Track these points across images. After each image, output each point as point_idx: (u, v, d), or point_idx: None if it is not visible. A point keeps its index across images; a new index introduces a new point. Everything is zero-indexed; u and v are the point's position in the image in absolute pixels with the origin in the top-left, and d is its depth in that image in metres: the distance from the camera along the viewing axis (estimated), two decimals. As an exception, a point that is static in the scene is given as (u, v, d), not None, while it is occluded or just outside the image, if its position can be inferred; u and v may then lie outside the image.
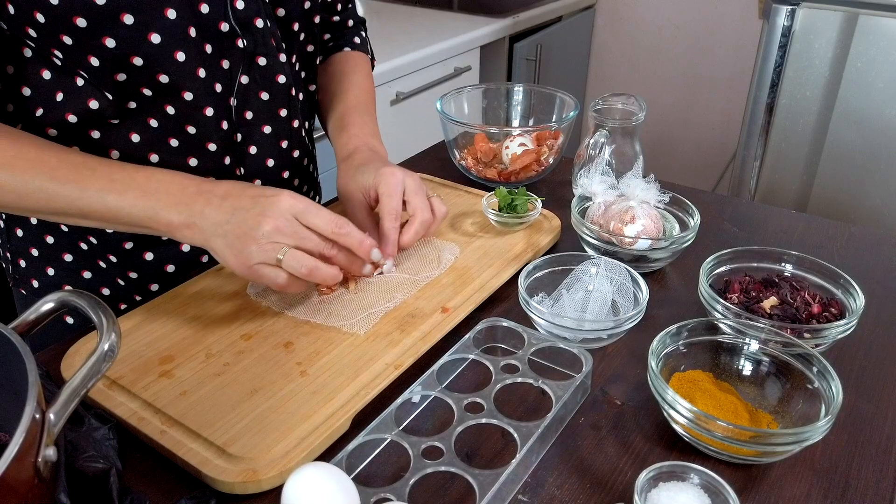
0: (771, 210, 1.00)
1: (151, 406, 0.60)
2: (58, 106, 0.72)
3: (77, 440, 0.53)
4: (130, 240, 0.82)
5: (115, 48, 0.68)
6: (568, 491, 0.56)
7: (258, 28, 0.77)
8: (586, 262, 0.77)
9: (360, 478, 0.56)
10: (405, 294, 0.75)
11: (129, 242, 0.82)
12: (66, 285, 0.86)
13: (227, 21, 0.74)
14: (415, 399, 0.62)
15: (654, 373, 0.59)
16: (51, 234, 0.83)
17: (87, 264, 0.84)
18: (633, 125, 0.94)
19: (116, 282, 0.86)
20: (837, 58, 1.66)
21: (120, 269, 0.84)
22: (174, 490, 0.55)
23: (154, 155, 0.77)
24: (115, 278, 0.85)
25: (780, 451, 0.55)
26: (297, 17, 0.83)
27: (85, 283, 0.85)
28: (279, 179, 0.88)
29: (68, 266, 0.84)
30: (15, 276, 0.88)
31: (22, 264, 0.86)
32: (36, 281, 0.86)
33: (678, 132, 2.76)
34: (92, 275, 0.85)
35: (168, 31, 0.69)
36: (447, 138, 1.06)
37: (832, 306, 0.71)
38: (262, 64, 0.79)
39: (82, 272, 0.85)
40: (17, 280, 0.88)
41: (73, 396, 0.45)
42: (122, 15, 0.66)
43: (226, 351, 0.67)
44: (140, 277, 0.85)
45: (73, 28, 0.66)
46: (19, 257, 0.86)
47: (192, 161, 0.79)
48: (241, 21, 0.75)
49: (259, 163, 0.85)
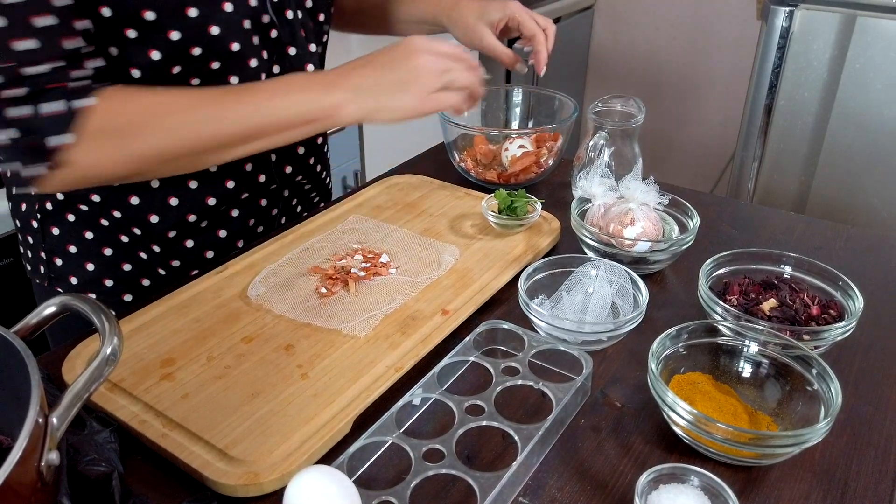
0: (770, 212, 1.00)
1: (153, 409, 0.61)
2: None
3: (79, 444, 0.53)
4: (173, 229, 0.85)
5: (179, 41, 0.71)
6: (568, 493, 0.56)
7: (289, 19, 0.81)
8: (586, 265, 0.77)
9: (362, 480, 0.56)
10: (405, 296, 0.75)
11: (172, 231, 0.85)
12: (107, 279, 0.87)
13: (267, 13, 0.78)
14: (415, 402, 0.62)
15: (654, 375, 0.60)
16: (90, 230, 0.84)
17: (128, 257, 0.86)
18: (632, 127, 0.94)
19: (157, 272, 0.88)
20: (836, 59, 1.66)
21: (162, 258, 0.86)
22: (176, 493, 0.55)
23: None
24: (157, 268, 0.87)
25: (780, 452, 0.55)
26: (323, 8, 0.88)
27: (125, 276, 0.87)
28: (306, 165, 0.94)
29: (108, 260, 0.86)
30: (50, 275, 0.88)
31: (58, 262, 0.87)
32: (75, 278, 0.87)
33: (677, 133, 2.76)
34: (132, 267, 0.87)
35: (226, 23, 0.74)
36: (446, 140, 1.06)
37: (831, 308, 0.72)
38: (291, 54, 0.83)
39: (122, 265, 0.87)
40: (53, 279, 0.88)
41: (76, 400, 0.45)
42: (187, 8, 0.70)
43: (227, 354, 0.67)
44: (182, 265, 0.88)
45: (140, 21, 0.69)
46: (55, 256, 0.87)
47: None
48: (276, 12, 0.79)
49: (290, 149, 0.89)
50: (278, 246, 0.85)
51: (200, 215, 0.86)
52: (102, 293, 0.88)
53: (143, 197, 0.83)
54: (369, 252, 0.83)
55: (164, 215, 0.84)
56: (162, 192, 0.83)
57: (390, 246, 0.85)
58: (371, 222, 0.90)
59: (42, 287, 0.90)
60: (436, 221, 0.91)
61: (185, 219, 0.85)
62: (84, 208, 0.83)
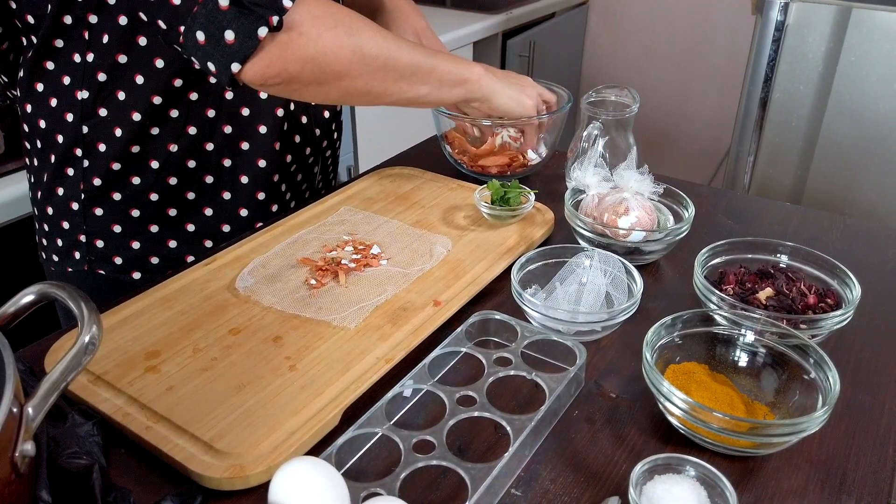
0: (766, 202, 0.99)
1: (137, 402, 0.59)
2: (159, 71, 0.79)
3: (60, 436, 0.52)
4: (228, 191, 0.90)
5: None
6: (562, 485, 0.55)
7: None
8: (580, 255, 0.76)
9: (351, 472, 0.55)
10: (396, 287, 0.74)
11: (227, 193, 0.90)
12: (153, 257, 0.89)
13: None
14: (406, 393, 0.61)
15: (649, 365, 0.58)
16: (136, 208, 0.86)
17: (173, 233, 0.89)
18: (626, 117, 0.93)
19: (203, 245, 0.90)
20: (831, 52, 1.66)
21: (214, 221, 0.90)
22: (160, 487, 0.54)
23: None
24: (204, 240, 0.90)
25: (777, 442, 0.54)
26: None
27: (169, 252, 0.90)
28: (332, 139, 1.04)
29: (153, 237, 0.88)
30: (90, 257, 0.89)
31: (100, 245, 0.88)
32: (119, 258, 0.89)
33: (672, 128, 2.75)
34: (177, 243, 0.89)
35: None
36: (439, 132, 1.05)
37: (828, 297, 0.71)
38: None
39: (168, 241, 0.89)
40: (93, 261, 0.89)
41: (53, 390, 0.43)
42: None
43: (213, 346, 0.66)
44: (232, 231, 0.91)
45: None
46: (96, 238, 0.88)
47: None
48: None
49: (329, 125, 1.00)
50: (268, 238, 0.84)
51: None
52: (148, 270, 0.90)
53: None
54: (360, 243, 0.82)
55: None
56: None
57: (381, 237, 0.84)
58: (362, 214, 0.89)
59: (77, 273, 0.90)
60: (428, 213, 0.90)
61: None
62: (136, 181, 0.85)
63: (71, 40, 0.78)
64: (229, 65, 0.67)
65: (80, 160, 0.84)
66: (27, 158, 0.90)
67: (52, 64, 0.80)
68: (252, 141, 0.88)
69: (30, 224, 1.15)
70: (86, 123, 0.82)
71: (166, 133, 0.84)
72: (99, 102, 0.81)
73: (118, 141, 0.83)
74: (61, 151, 0.84)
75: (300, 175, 0.98)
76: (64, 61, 0.80)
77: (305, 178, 1.00)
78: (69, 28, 0.77)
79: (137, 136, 0.83)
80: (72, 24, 0.77)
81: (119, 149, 0.83)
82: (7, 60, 0.86)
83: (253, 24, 0.65)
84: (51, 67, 0.80)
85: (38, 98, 0.83)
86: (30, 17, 0.78)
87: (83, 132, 0.82)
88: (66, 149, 0.84)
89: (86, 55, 0.78)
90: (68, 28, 0.77)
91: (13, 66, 0.87)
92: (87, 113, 0.81)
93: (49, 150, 0.85)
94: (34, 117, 0.84)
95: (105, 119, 0.82)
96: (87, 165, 0.84)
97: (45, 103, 0.83)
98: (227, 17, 0.65)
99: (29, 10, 0.78)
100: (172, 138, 0.84)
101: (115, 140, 0.83)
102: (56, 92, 0.81)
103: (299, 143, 0.95)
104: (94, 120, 0.82)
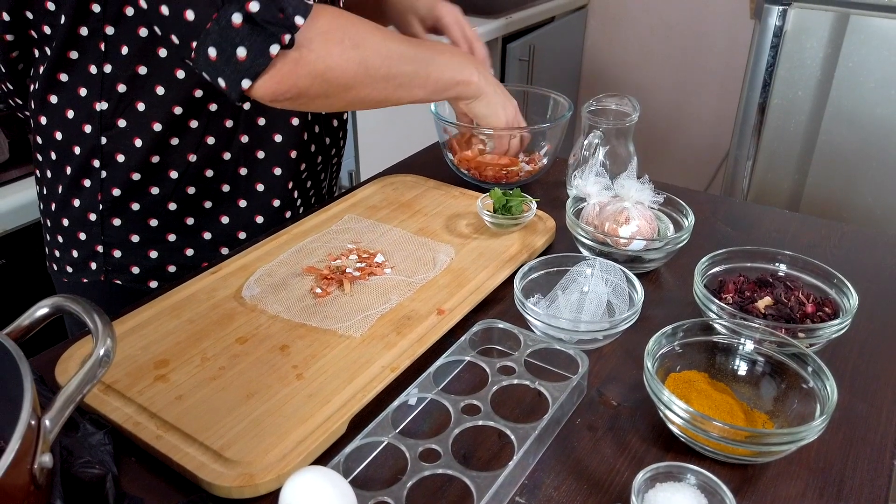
0: (764, 210, 1.00)
1: (147, 411, 0.60)
2: (180, 82, 0.80)
3: (72, 446, 0.53)
4: (244, 199, 0.91)
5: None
6: (565, 492, 0.56)
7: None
8: (581, 263, 0.77)
9: (358, 481, 0.56)
10: (401, 296, 0.75)
11: (242, 201, 0.91)
12: (170, 265, 0.90)
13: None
14: (411, 401, 0.62)
15: (650, 373, 0.59)
16: (155, 217, 0.87)
17: (190, 241, 0.90)
18: (626, 126, 0.94)
19: (219, 252, 0.91)
20: (829, 58, 1.67)
21: (230, 229, 0.91)
22: (170, 495, 0.55)
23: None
24: (220, 247, 0.91)
25: (776, 450, 0.55)
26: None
27: (186, 260, 0.91)
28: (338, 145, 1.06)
29: (171, 246, 0.89)
30: (107, 268, 0.89)
31: (117, 255, 0.89)
32: (136, 267, 0.89)
33: (671, 132, 2.77)
34: (194, 251, 0.90)
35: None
36: (441, 140, 1.06)
37: (826, 306, 0.72)
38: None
39: (185, 250, 0.90)
40: (110, 272, 0.89)
41: (69, 402, 0.44)
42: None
43: (221, 355, 0.67)
44: (247, 238, 0.92)
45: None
46: (114, 248, 0.88)
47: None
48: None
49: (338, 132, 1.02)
50: (272, 246, 0.85)
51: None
52: (165, 279, 0.90)
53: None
54: (364, 252, 0.83)
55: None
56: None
57: (385, 245, 0.85)
58: (366, 222, 0.90)
59: (92, 284, 0.90)
60: (431, 221, 0.91)
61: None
62: (155, 191, 0.86)
63: (86, 52, 0.79)
64: (240, 81, 0.68)
65: (98, 171, 0.84)
66: (38, 170, 0.91)
67: (67, 76, 0.81)
68: (267, 149, 0.90)
69: (36, 231, 1.16)
70: (104, 134, 0.82)
71: (186, 143, 0.84)
72: (118, 113, 0.81)
73: (138, 151, 0.83)
74: (78, 163, 0.84)
75: (310, 182, 0.99)
76: (79, 73, 0.80)
77: (314, 185, 1.01)
78: (84, 39, 0.78)
79: (157, 146, 0.83)
80: (87, 35, 0.78)
81: (139, 159, 0.84)
82: (15, 70, 0.87)
83: (265, 41, 0.66)
84: (65, 79, 0.81)
85: (52, 110, 0.83)
86: (46, 28, 0.79)
87: (101, 143, 0.83)
88: (83, 160, 0.84)
89: (103, 66, 0.79)
90: (84, 39, 0.78)
91: (20, 76, 0.87)
92: (107, 124, 0.82)
93: (65, 161, 0.85)
94: (49, 129, 0.84)
95: (125, 130, 0.82)
96: (105, 176, 0.84)
97: (61, 115, 0.83)
98: (240, 35, 0.66)
99: (46, 21, 0.78)
100: (192, 148, 0.85)
101: (135, 150, 0.83)
102: (72, 103, 0.82)
103: (314, 152, 0.96)
104: (113, 131, 0.82)
